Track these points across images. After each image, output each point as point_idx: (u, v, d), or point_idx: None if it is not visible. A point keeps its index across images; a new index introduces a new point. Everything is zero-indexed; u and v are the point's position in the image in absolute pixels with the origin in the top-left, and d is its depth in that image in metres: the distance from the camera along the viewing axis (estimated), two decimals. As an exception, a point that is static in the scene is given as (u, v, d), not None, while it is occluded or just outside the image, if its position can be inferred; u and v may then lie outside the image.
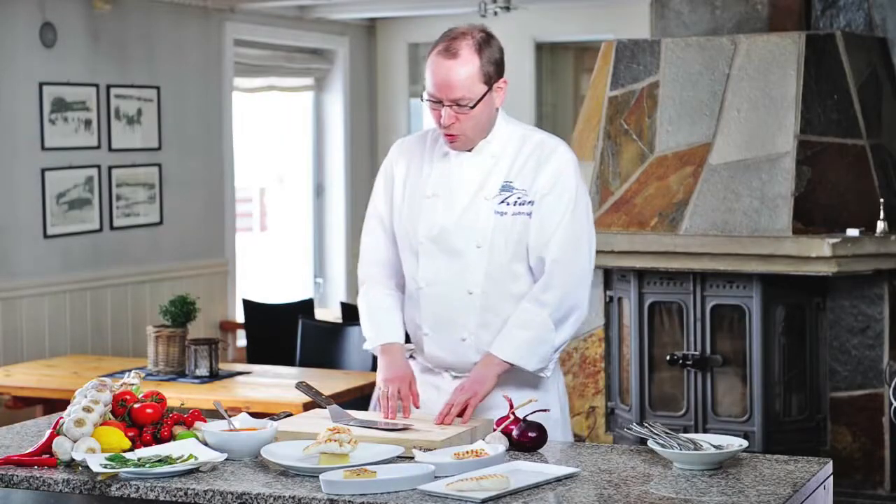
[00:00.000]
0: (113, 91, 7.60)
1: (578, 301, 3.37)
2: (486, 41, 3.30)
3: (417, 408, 3.32)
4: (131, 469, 2.83)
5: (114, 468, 2.82)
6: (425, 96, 3.32)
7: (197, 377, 5.53)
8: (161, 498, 2.78)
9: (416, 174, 3.45)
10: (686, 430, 5.58)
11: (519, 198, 3.35)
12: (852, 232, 5.42)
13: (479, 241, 3.35)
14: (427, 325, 3.44)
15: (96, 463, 2.84)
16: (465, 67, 3.25)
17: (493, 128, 3.39)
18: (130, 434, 3.04)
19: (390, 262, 3.52)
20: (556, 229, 3.34)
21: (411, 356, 3.53)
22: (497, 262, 3.35)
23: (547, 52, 10.66)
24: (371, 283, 3.55)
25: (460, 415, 3.23)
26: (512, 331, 3.34)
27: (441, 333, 3.42)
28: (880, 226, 5.45)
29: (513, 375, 3.36)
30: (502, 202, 3.35)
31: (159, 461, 2.88)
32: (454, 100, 3.26)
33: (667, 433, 2.97)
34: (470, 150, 3.38)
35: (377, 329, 3.48)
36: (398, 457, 2.95)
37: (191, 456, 2.91)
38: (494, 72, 3.31)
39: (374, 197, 3.55)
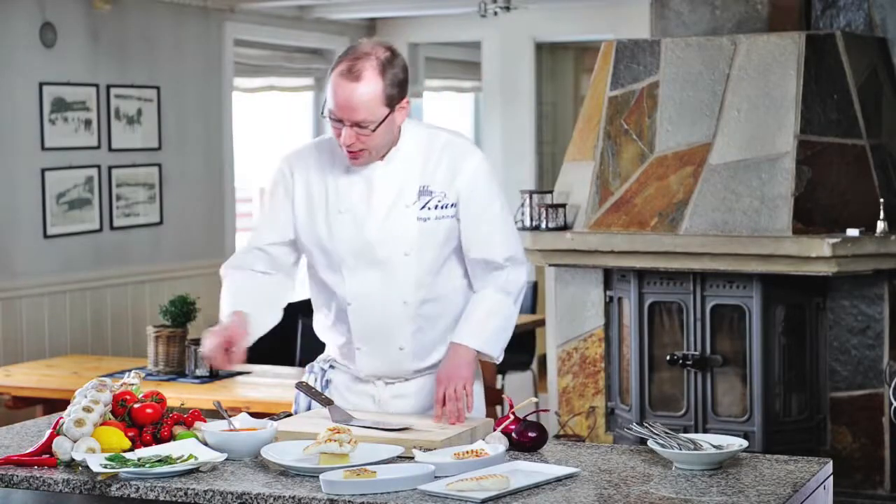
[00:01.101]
0: (113, 91, 7.60)
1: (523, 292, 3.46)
2: (389, 61, 3.23)
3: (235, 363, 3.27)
4: (131, 469, 2.83)
5: (114, 468, 2.82)
6: (326, 112, 3.23)
7: (197, 377, 5.54)
8: (161, 498, 2.78)
9: (320, 189, 3.36)
10: (686, 430, 5.58)
11: (439, 201, 3.31)
12: (852, 232, 5.42)
13: (407, 250, 3.30)
14: (359, 339, 3.38)
15: (96, 463, 2.84)
16: (368, 90, 3.17)
17: (399, 134, 3.33)
18: (130, 434, 3.04)
19: (272, 262, 3.45)
20: (496, 229, 3.35)
21: (331, 366, 3.49)
22: (426, 268, 3.32)
23: (547, 52, 10.66)
24: (246, 268, 3.46)
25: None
26: (482, 319, 3.33)
27: (376, 346, 3.37)
28: (880, 226, 5.45)
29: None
30: (423, 207, 3.30)
31: (159, 461, 2.88)
32: (355, 122, 3.19)
33: (667, 433, 2.97)
34: (382, 158, 3.31)
35: (234, 299, 3.39)
36: (398, 457, 2.95)
37: (191, 456, 2.91)
38: (398, 93, 3.23)
39: (270, 206, 3.43)
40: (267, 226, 3.44)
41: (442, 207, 3.31)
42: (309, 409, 3.49)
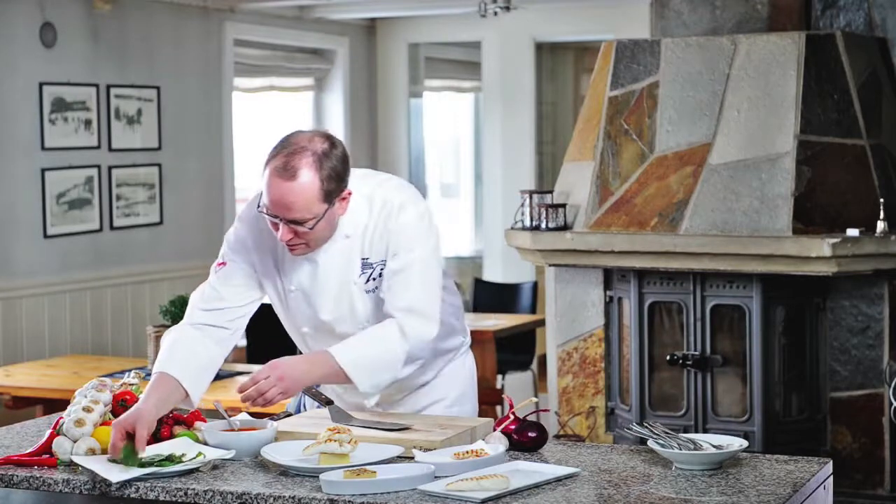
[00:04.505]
0: (113, 91, 7.60)
1: (429, 345, 3.27)
2: (326, 154, 3.08)
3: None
4: (149, 470, 2.82)
5: (130, 470, 2.81)
6: (262, 207, 3.11)
7: (197, 377, 5.53)
8: (161, 498, 2.78)
9: (272, 259, 3.29)
10: (686, 430, 5.58)
11: (381, 269, 3.24)
12: (852, 232, 5.42)
13: (363, 323, 3.27)
14: (328, 391, 3.39)
15: (110, 468, 2.83)
16: (303, 189, 3.05)
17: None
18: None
19: (223, 311, 3.29)
20: (405, 279, 3.21)
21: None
22: None
23: (547, 52, 10.67)
24: (193, 323, 3.29)
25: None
26: (363, 342, 3.20)
27: (344, 397, 3.37)
28: (880, 226, 5.45)
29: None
30: (368, 280, 3.25)
31: (166, 460, 2.87)
32: (292, 219, 3.08)
33: (667, 433, 2.97)
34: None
35: (167, 357, 3.20)
36: (398, 457, 2.95)
37: (199, 454, 2.91)
38: (336, 187, 3.10)
39: (231, 260, 3.30)
40: (216, 290, 3.30)
41: (382, 276, 3.25)
42: (299, 411, 3.49)
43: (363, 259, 3.24)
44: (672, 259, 5.63)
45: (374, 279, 3.25)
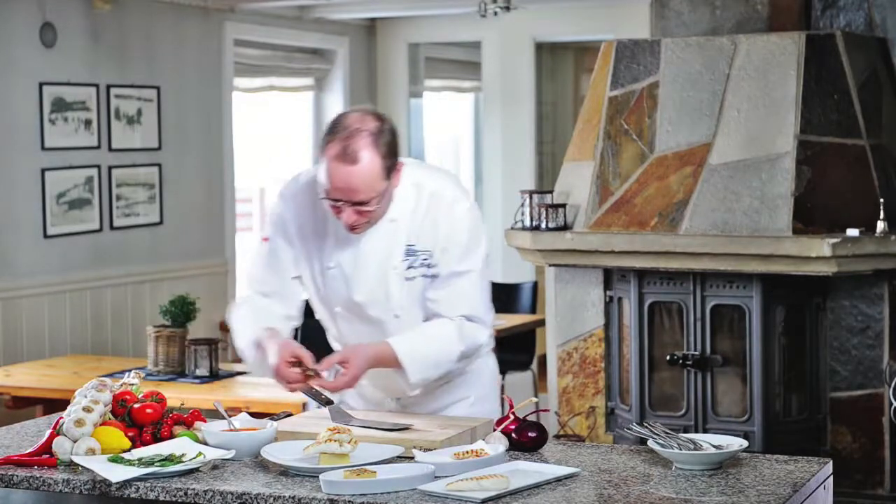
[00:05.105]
0: (113, 91, 7.60)
1: (479, 349, 3.35)
2: (379, 130, 3.15)
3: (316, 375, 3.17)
4: (149, 470, 2.82)
5: (129, 470, 2.81)
6: (322, 193, 3.17)
7: (197, 377, 5.54)
8: (161, 498, 2.78)
9: (314, 236, 3.33)
10: (686, 430, 5.58)
11: (424, 259, 3.27)
12: (852, 232, 5.42)
13: (397, 312, 3.30)
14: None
15: (111, 468, 2.83)
16: (366, 170, 3.11)
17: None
18: (130, 434, 3.04)
19: (278, 295, 3.38)
20: (462, 289, 3.27)
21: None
22: (415, 324, 3.31)
23: (547, 52, 10.67)
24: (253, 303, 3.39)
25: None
26: (422, 338, 3.25)
27: (371, 377, 3.38)
28: (880, 226, 5.45)
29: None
30: (409, 267, 3.27)
31: (166, 460, 2.87)
32: (357, 202, 3.14)
33: (667, 433, 2.97)
34: None
35: (258, 321, 3.31)
36: (398, 457, 2.95)
37: (199, 454, 2.91)
38: (392, 162, 3.17)
39: (269, 249, 3.36)
40: (267, 269, 3.37)
41: (426, 266, 3.28)
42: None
43: (408, 245, 3.27)
44: (672, 259, 5.63)
45: (414, 267, 3.27)
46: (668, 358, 5.76)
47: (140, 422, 3.09)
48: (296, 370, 3.15)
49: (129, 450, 2.97)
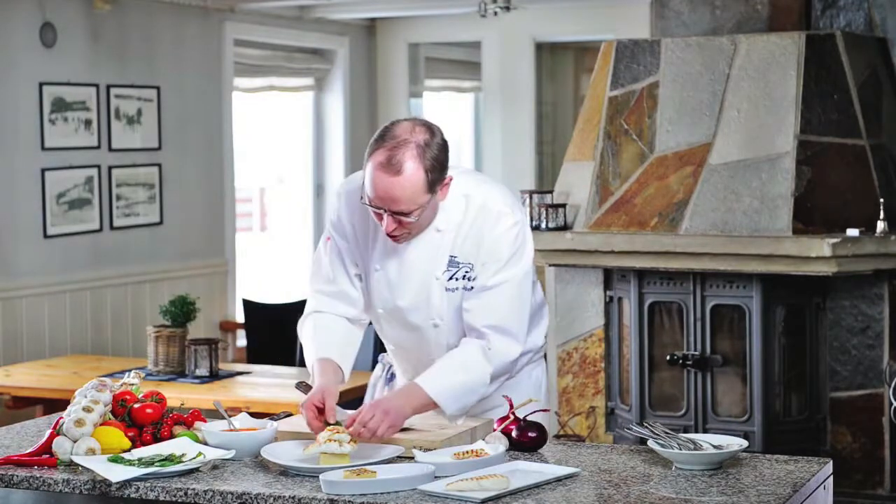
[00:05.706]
0: (113, 91, 7.60)
1: (512, 364, 3.32)
2: (428, 144, 3.12)
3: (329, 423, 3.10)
4: (149, 470, 2.82)
5: (129, 470, 2.81)
6: (365, 199, 3.15)
7: (197, 377, 5.54)
8: (161, 498, 2.78)
9: (363, 235, 3.34)
10: (686, 430, 5.58)
11: (466, 272, 3.26)
12: (852, 232, 5.42)
13: (437, 321, 3.31)
14: (400, 370, 3.53)
15: (111, 468, 2.83)
16: (409, 183, 3.08)
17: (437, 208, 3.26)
18: (130, 434, 3.04)
19: (344, 294, 3.39)
20: (496, 299, 3.25)
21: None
22: (456, 335, 3.31)
23: (547, 52, 10.66)
24: (322, 311, 3.41)
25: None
26: (449, 370, 3.22)
27: (416, 374, 3.38)
28: (880, 226, 5.45)
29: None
30: (451, 278, 3.27)
31: (166, 460, 2.87)
32: (397, 212, 3.12)
33: (667, 433, 2.97)
34: None
35: (317, 345, 3.34)
36: (398, 457, 2.95)
37: (199, 454, 2.91)
38: (438, 176, 3.14)
39: (330, 248, 3.38)
40: (331, 269, 3.38)
41: (466, 279, 3.27)
42: (392, 379, 3.55)
43: (451, 256, 3.26)
44: (672, 259, 5.63)
45: (457, 279, 3.27)
46: (668, 358, 5.76)
47: (140, 422, 3.09)
48: (318, 418, 3.09)
49: (129, 450, 2.97)
